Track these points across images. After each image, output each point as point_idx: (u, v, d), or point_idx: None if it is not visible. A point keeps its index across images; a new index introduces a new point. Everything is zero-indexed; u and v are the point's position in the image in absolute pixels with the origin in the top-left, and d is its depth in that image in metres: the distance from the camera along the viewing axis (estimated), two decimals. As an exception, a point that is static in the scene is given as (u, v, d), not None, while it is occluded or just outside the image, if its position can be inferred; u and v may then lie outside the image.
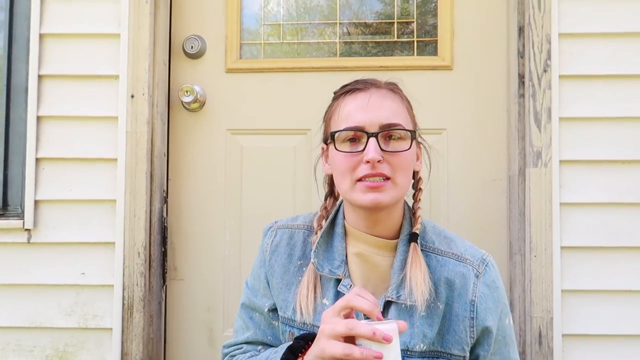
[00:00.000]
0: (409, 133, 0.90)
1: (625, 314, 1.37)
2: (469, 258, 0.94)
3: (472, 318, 0.90)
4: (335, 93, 0.98)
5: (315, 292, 0.93)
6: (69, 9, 1.47)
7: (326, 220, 0.99)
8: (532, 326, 1.37)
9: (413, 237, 0.92)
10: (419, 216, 0.95)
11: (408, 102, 0.96)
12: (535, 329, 1.37)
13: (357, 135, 0.88)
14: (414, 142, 0.91)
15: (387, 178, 0.87)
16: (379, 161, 0.85)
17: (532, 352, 1.36)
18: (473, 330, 0.90)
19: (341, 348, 0.74)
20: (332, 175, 0.96)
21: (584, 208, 1.39)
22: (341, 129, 0.89)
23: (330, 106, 0.97)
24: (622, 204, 1.38)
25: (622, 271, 1.37)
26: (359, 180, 0.87)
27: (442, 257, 0.94)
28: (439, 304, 0.90)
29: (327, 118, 0.97)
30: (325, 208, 1.01)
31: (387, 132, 0.88)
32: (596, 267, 1.38)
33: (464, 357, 0.91)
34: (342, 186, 0.91)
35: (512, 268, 1.47)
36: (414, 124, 0.96)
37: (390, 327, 0.74)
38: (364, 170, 0.87)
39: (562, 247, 1.38)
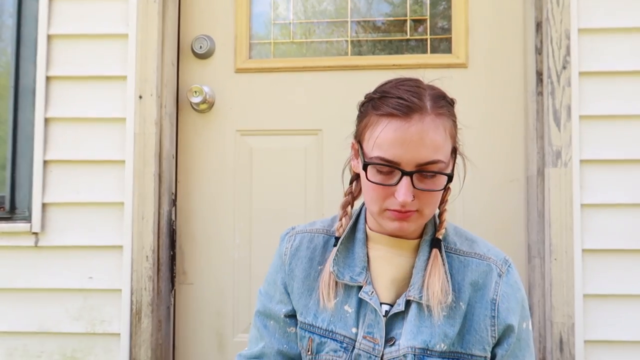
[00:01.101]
0: (446, 172, 0.84)
1: (651, 319, 1.32)
2: (492, 257, 0.92)
3: (493, 317, 0.88)
4: (370, 96, 0.89)
5: (336, 292, 0.91)
6: (77, 10, 1.46)
7: (351, 207, 0.97)
8: (553, 332, 1.32)
9: (435, 243, 0.91)
10: (444, 220, 0.92)
11: (452, 116, 0.88)
12: (556, 335, 1.32)
13: (391, 169, 0.83)
14: (448, 181, 0.85)
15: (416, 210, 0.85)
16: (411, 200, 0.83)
17: (553, 359, 1.32)
18: (494, 330, 0.88)
19: None
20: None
21: (606, 209, 1.34)
22: (374, 157, 0.83)
23: (365, 110, 0.89)
24: (646, 205, 1.33)
25: (646, 275, 1.32)
26: (388, 209, 0.85)
27: (464, 258, 0.92)
28: (461, 303, 0.89)
29: (362, 125, 0.89)
30: (351, 193, 0.98)
31: (423, 173, 0.83)
32: (619, 271, 1.33)
33: (485, 357, 0.88)
34: (371, 208, 0.89)
35: (530, 272, 1.42)
36: (454, 141, 0.89)
37: None
38: (394, 204, 0.84)
39: (583, 250, 1.33)
